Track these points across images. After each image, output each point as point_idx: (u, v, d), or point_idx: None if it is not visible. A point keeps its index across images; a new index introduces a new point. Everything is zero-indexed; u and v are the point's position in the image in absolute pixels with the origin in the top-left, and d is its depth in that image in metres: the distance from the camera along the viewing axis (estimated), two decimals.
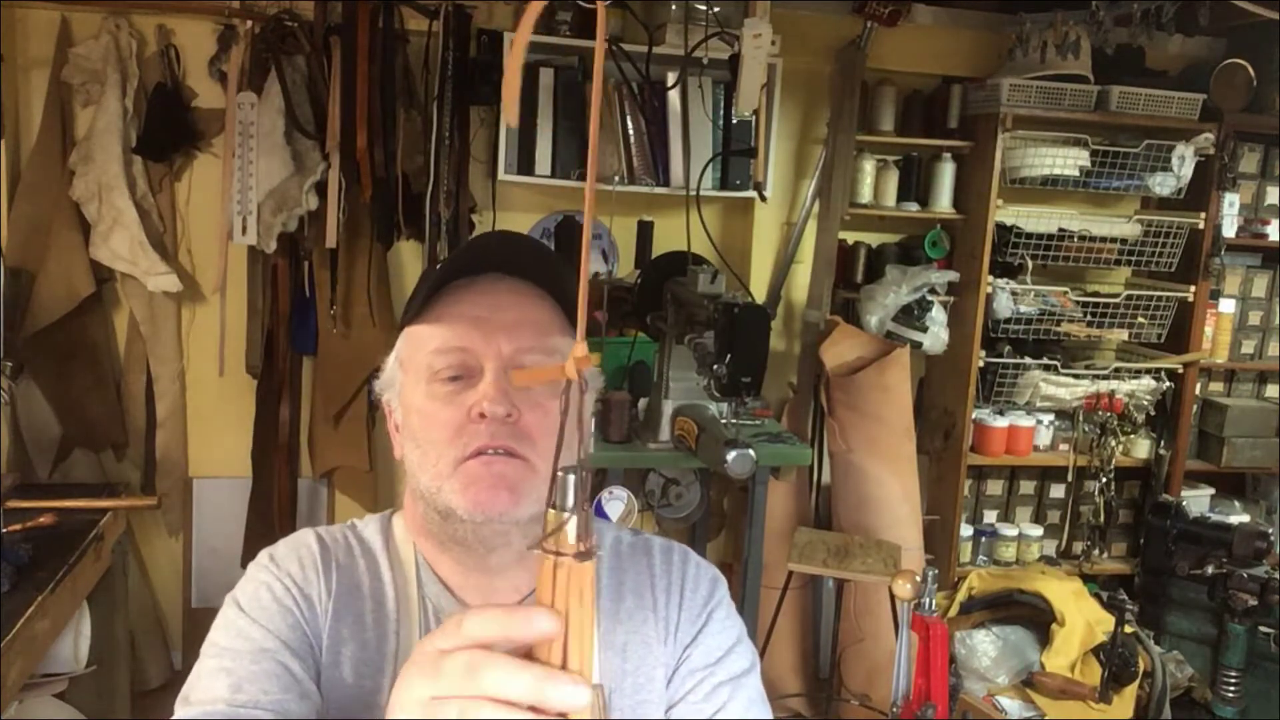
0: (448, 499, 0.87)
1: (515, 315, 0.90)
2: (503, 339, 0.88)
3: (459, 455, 0.87)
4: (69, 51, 2.84)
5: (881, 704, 2.91)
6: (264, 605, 0.89)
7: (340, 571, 0.93)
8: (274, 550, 0.94)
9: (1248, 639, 2.67)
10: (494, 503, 0.86)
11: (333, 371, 3.11)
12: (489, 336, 0.88)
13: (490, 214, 3.16)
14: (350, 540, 0.97)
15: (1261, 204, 3.63)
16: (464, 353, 0.89)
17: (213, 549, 3.19)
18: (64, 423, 2.97)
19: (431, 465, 0.88)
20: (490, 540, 0.89)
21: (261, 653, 0.85)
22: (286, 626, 0.88)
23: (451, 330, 0.89)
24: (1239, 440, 3.62)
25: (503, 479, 0.86)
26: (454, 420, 0.87)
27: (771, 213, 3.35)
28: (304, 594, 0.90)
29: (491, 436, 0.86)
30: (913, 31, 3.31)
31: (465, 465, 0.87)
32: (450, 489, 0.87)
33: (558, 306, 0.93)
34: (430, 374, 0.89)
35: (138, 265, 2.88)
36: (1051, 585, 3.05)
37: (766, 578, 2.82)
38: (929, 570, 2.27)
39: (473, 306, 0.90)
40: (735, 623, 1.00)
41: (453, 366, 0.89)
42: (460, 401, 0.88)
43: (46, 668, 2.29)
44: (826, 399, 3.21)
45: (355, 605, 0.92)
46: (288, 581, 0.90)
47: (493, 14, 3.05)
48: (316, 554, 0.93)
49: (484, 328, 0.88)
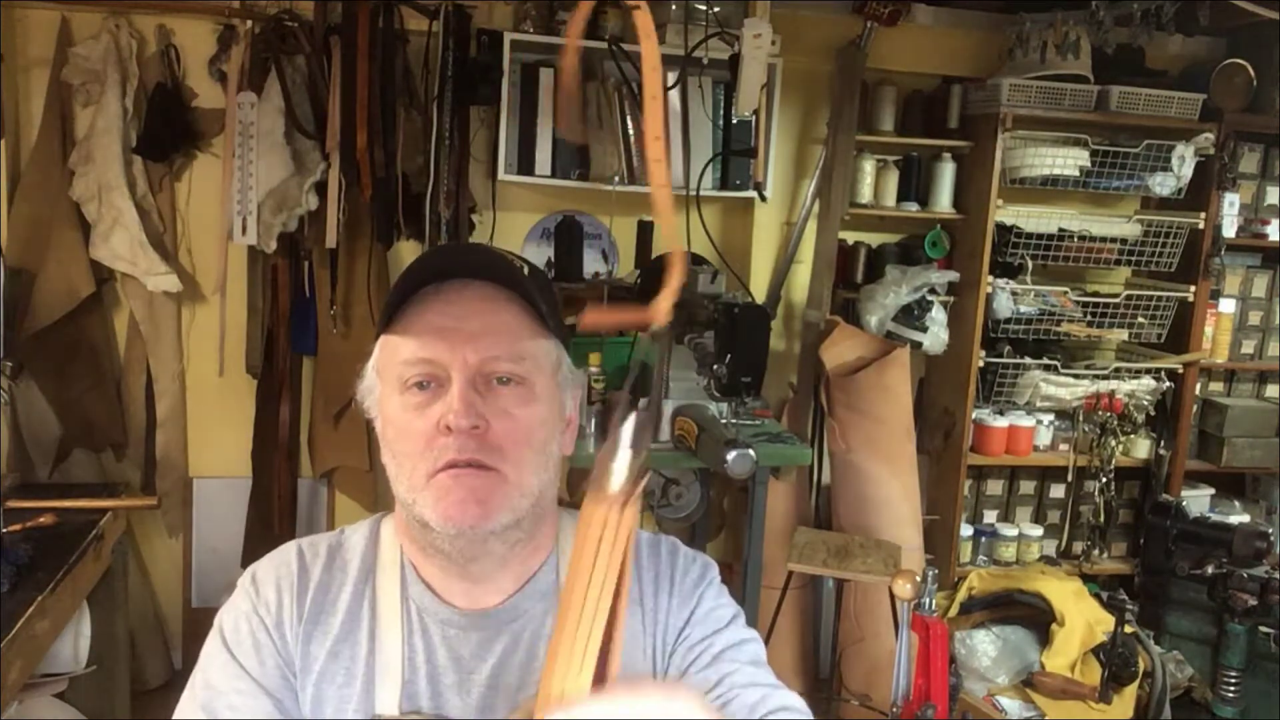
0: (422, 511, 0.89)
1: (481, 323, 0.90)
2: (469, 349, 0.89)
3: (430, 468, 0.88)
4: (69, 51, 2.84)
5: (881, 704, 2.91)
6: (242, 640, 0.93)
7: (315, 590, 0.96)
8: (257, 570, 0.98)
9: (1248, 639, 2.67)
10: (464, 516, 0.87)
11: (333, 371, 3.11)
12: (455, 347, 0.88)
13: (490, 214, 3.16)
14: (333, 550, 0.99)
15: (1261, 204, 3.63)
16: (431, 364, 0.89)
17: (213, 549, 3.19)
18: (64, 423, 2.97)
19: (406, 477, 0.90)
20: (468, 550, 0.92)
21: (239, 693, 0.90)
22: (258, 662, 0.92)
23: (419, 341, 0.90)
24: (1239, 440, 3.62)
25: (473, 492, 0.87)
26: (424, 432, 0.89)
27: (771, 213, 3.35)
28: (278, 622, 0.94)
29: (459, 450, 0.87)
30: (913, 31, 3.31)
31: (436, 478, 0.88)
32: (424, 501, 0.89)
33: (528, 308, 0.92)
34: (401, 385, 0.91)
35: (138, 265, 2.88)
36: (1051, 585, 3.05)
37: (766, 578, 2.82)
38: (929, 570, 2.27)
39: (439, 315, 0.90)
40: (729, 603, 1.01)
41: (421, 376, 0.90)
42: (430, 414, 0.89)
43: (46, 668, 2.30)
44: (826, 399, 3.21)
45: (326, 622, 0.95)
46: (263, 612, 0.94)
47: (493, 14, 3.06)
48: (295, 573, 0.96)
49: (450, 338, 0.89)
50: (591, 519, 0.64)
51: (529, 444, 0.90)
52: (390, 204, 2.96)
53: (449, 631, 0.95)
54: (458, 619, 0.95)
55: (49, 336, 2.87)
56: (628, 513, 0.62)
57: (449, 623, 0.95)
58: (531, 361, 0.91)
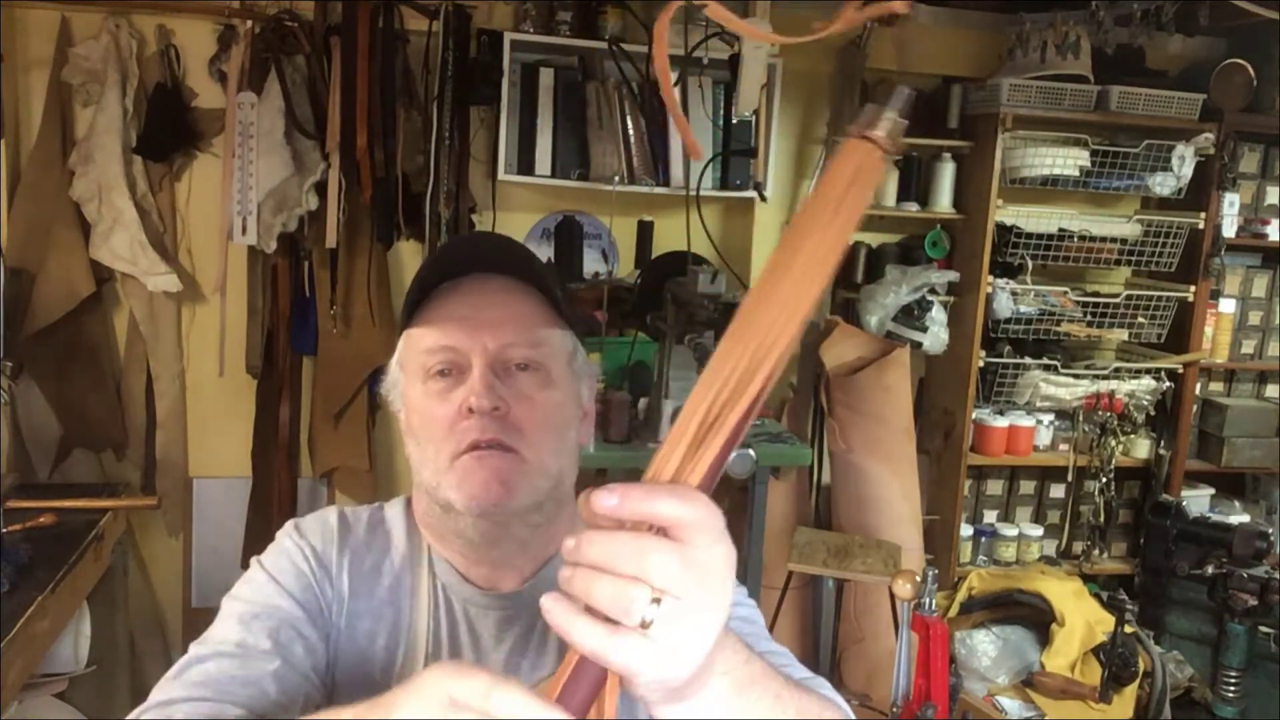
0: (446, 493, 0.92)
1: (500, 312, 0.94)
2: (488, 335, 0.92)
3: (454, 450, 0.91)
4: (69, 51, 2.84)
5: (881, 704, 2.91)
6: (284, 569, 0.95)
7: (357, 549, 0.98)
8: (300, 522, 1.00)
9: (1248, 639, 2.67)
10: (487, 495, 0.90)
11: (333, 371, 3.11)
12: (474, 334, 0.92)
13: (490, 214, 3.16)
14: (373, 520, 1.02)
15: (1261, 204, 3.63)
16: (453, 351, 0.93)
17: (213, 549, 3.19)
18: (64, 423, 2.97)
19: (431, 461, 0.93)
20: (490, 533, 0.94)
21: (275, 607, 0.92)
22: (301, 589, 0.94)
23: (441, 330, 0.94)
24: (1239, 440, 3.62)
25: (496, 472, 0.90)
26: (447, 416, 0.92)
27: (771, 213, 3.35)
28: (322, 565, 0.96)
29: (481, 431, 0.90)
30: (913, 31, 3.31)
31: (460, 460, 0.91)
32: (448, 483, 0.91)
33: (543, 298, 0.97)
34: (424, 372, 0.94)
35: (138, 265, 2.88)
36: (1051, 585, 3.05)
37: (766, 578, 2.82)
38: (929, 570, 2.27)
39: (459, 307, 0.95)
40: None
41: (443, 363, 0.93)
42: (452, 398, 0.92)
43: (46, 668, 2.30)
44: (826, 399, 3.22)
45: (370, 581, 0.97)
46: (308, 551, 0.96)
47: (493, 14, 3.06)
48: (335, 531, 0.98)
49: (469, 326, 0.93)
50: (853, 150, 0.61)
51: (548, 426, 0.94)
52: (390, 204, 2.96)
53: (470, 609, 0.97)
54: (479, 598, 0.97)
55: (49, 336, 2.87)
56: (881, 162, 0.61)
57: (470, 600, 0.97)
58: (548, 348, 0.95)
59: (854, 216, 0.61)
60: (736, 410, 0.58)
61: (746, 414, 0.58)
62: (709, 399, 0.59)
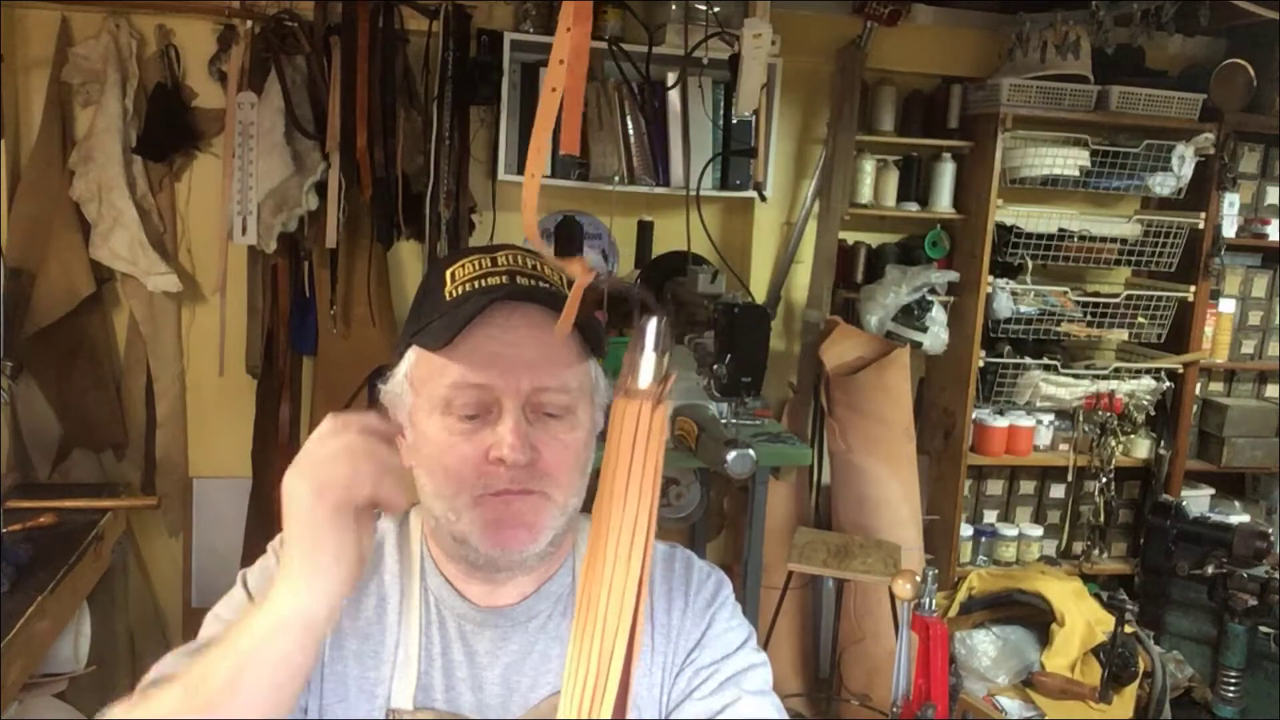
0: (465, 530, 0.89)
1: (536, 352, 0.88)
2: (524, 376, 0.87)
3: (478, 493, 0.88)
4: (69, 51, 2.84)
5: (881, 704, 2.91)
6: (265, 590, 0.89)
7: None
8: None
9: (1248, 639, 2.67)
10: (513, 541, 0.88)
11: (333, 371, 3.11)
12: (508, 374, 0.87)
13: (490, 214, 3.16)
14: None
15: (1261, 204, 3.63)
16: (482, 389, 0.87)
17: (213, 549, 3.19)
18: (64, 423, 2.97)
19: (447, 497, 0.89)
20: (501, 562, 0.91)
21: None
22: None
23: (470, 365, 0.87)
24: (1239, 440, 3.62)
25: (521, 517, 0.88)
26: (472, 458, 0.87)
27: (771, 213, 3.35)
28: None
29: (511, 481, 0.87)
30: (913, 31, 3.31)
31: (485, 502, 0.88)
32: (468, 522, 0.88)
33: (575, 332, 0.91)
34: (445, 407, 0.88)
35: (138, 265, 2.88)
36: (1051, 585, 3.05)
37: (766, 578, 2.82)
38: (929, 570, 2.27)
39: (489, 340, 0.87)
40: (741, 624, 1.00)
41: (470, 405, 0.87)
42: (479, 440, 0.87)
43: (46, 668, 2.30)
44: (826, 399, 3.22)
45: (360, 601, 0.95)
46: None
47: (493, 14, 3.06)
48: None
49: (502, 364, 0.87)
50: (625, 415, 0.63)
51: (576, 468, 0.91)
52: (390, 204, 2.96)
53: (465, 626, 0.95)
54: (474, 614, 0.95)
55: (49, 336, 2.87)
56: (659, 412, 0.62)
57: (465, 617, 0.95)
58: (578, 389, 0.91)
59: (651, 473, 0.63)
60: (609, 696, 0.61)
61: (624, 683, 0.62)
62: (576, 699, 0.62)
